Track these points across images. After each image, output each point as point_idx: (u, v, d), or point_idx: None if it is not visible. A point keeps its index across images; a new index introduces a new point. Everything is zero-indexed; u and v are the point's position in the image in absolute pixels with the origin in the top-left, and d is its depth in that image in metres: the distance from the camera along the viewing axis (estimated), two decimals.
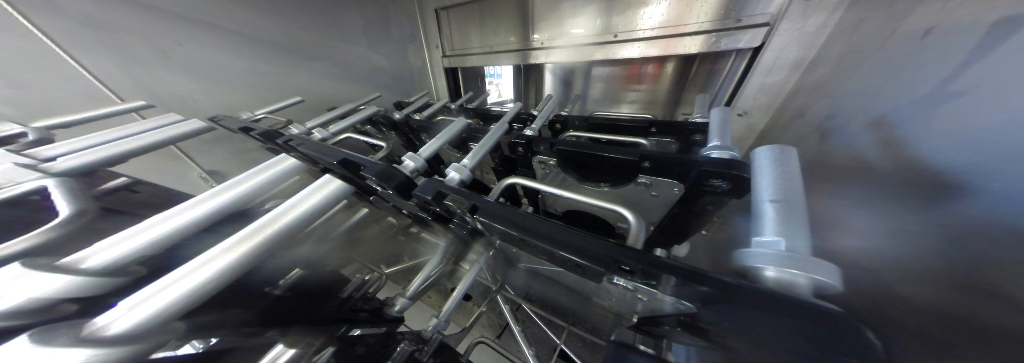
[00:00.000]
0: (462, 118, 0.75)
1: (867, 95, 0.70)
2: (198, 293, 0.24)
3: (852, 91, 0.78)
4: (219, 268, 0.25)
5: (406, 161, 0.57)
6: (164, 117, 0.62)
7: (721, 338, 0.38)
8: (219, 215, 0.30)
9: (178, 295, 0.23)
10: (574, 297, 1.30)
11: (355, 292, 0.73)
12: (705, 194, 0.57)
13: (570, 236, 0.34)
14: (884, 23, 0.72)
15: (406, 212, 0.84)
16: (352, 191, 0.41)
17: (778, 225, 0.29)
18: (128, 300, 0.22)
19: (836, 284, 0.24)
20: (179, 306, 0.23)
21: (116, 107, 0.72)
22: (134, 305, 0.22)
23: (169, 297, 0.23)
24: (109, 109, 0.70)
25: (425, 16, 1.96)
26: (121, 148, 0.49)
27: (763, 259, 0.27)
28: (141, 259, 0.26)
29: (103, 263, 0.25)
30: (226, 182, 0.33)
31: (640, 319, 0.58)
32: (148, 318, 0.22)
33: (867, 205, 0.59)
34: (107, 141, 0.50)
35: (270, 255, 0.29)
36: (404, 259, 1.49)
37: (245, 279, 0.28)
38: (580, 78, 3.24)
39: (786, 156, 0.35)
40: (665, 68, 2.66)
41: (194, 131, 0.59)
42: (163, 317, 0.22)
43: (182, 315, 0.24)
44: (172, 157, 1.24)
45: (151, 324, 0.22)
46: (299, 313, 0.56)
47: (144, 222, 0.27)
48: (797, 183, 0.32)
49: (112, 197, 0.51)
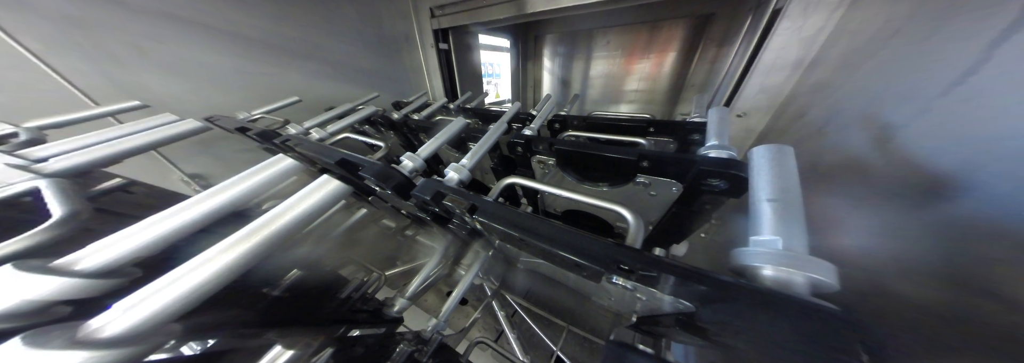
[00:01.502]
0: (461, 118, 0.74)
1: (868, 97, 0.71)
2: (195, 294, 0.23)
3: (853, 92, 0.78)
4: (216, 269, 0.25)
5: (404, 161, 0.57)
6: (159, 117, 0.61)
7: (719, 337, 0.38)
8: (216, 216, 0.30)
9: (174, 296, 0.23)
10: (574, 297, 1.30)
11: (354, 293, 0.73)
12: (703, 193, 0.57)
13: (568, 236, 0.34)
14: (887, 23, 0.72)
15: (405, 212, 0.84)
16: (350, 191, 0.40)
17: (775, 224, 0.29)
18: (123, 302, 0.22)
19: (833, 283, 0.25)
20: (176, 308, 0.22)
21: (109, 107, 0.71)
22: (130, 307, 0.22)
23: (165, 299, 0.22)
24: (102, 109, 0.70)
25: (420, 15, 1.93)
26: (115, 148, 0.48)
27: (760, 258, 0.27)
28: (136, 260, 0.26)
29: (98, 265, 0.24)
30: (222, 182, 0.33)
31: (639, 318, 0.58)
32: (144, 320, 0.21)
33: (866, 204, 0.59)
34: (100, 141, 0.49)
35: (268, 256, 0.29)
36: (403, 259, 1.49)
37: (243, 280, 0.27)
38: (579, 72, 3.19)
39: (783, 155, 0.36)
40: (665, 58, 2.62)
41: (190, 131, 0.59)
42: (159, 319, 0.22)
43: (179, 317, 0.23)
44: (151, 159, 1.17)
45: (147, 326, 0.21)
46: (298, 314, 0.55)
47: (139, 223, 0.27)
48: (794, 182, 0.33)
49: (107, 198, 0.50)
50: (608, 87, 2.98)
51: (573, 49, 3.06)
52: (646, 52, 2.68)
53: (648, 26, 2.56)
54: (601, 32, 2.80)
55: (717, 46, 2.32)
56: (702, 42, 2.38)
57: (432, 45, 2.00)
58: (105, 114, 0.70)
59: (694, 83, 2.54)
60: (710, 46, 2.36)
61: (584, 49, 2.98)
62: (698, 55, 2.49)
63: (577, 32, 2.92)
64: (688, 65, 2.52)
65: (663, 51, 2.61)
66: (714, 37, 2.31)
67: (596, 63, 3.00)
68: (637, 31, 2.63)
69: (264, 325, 0.47)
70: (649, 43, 2.63)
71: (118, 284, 0.25)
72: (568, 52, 3.11)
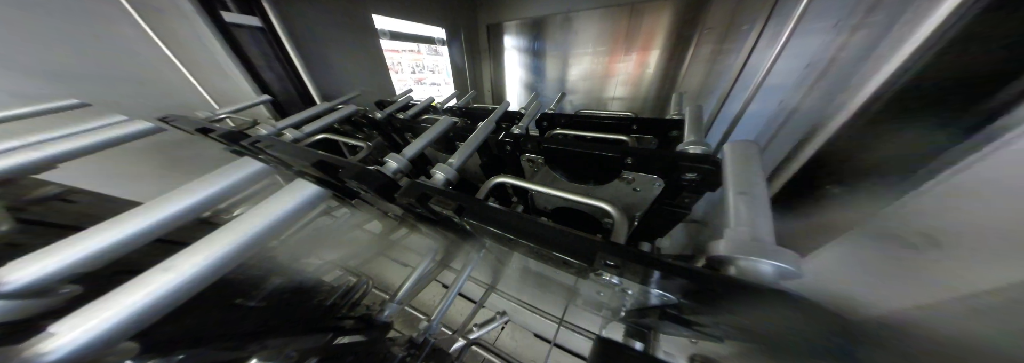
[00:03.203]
0: (447, 117, 0.73)
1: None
2: (151, 310, 0.21)
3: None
4: (176, 281, 0.23)
5: (389, 162, 0.55)
6: (105, 117, 0.55)
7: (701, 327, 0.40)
8: (170, 225, 0.28)
9: (126, 314, 0.21)
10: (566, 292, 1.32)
11: (340, 299, 0.70)
12: (683, 188, 0.59)
13: (555, 233, 0.34)
14: None
15: (392, 215, 0.82)
16: (328, 195, 0.39)
17: (745, 216, 0.31)
18: (62, 323, 0.20)
19: (796, 270, 0.26)
20: (126, 326, 0.21)
21: (41, 106, 0.63)
22: (71, 327, 0.19)
23: (115, 317, 0.20)
24: (32, 108, 0.61)
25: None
26: (44, 152, 0.42)
27: (731, 249, 0.28)
28: (74, 276, 0.23)
29: (22, 283, 0.22)
30: (178, 188, 0.30)
31: (628, 312, 0.60)
32: (89, 341, 0.19)
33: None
34: (26, 144, 0.43)
35: (237, 264, 0.27)
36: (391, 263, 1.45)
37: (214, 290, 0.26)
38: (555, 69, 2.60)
39: (749, 150, 0.38)
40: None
41: (139, 132, 0.53)
42: (107, 339, 0.20)
43: (133, 335, 0.21)
44: (103, 165, 0.91)
45: (94, 346, 0.19)
46: (278, 324, 0.53)
47: (74, 235, 0.24)
48: (760, 175, 0.35)
49: (38, 208, 0.45)
50: (592, 88, 2.56)
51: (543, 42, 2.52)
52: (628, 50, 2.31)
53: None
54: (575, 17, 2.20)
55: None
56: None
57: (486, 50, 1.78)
58: (36, 113, 0.61)
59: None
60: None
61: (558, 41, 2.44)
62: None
63: (544, 19, 2.33)
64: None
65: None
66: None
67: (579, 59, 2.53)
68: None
69: (240, 338, 0.44)
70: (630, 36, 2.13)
71: (53, 304, 0.22)
72: (535, 46, 2.59)
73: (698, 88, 2.24)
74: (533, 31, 2.56)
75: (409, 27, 2.18)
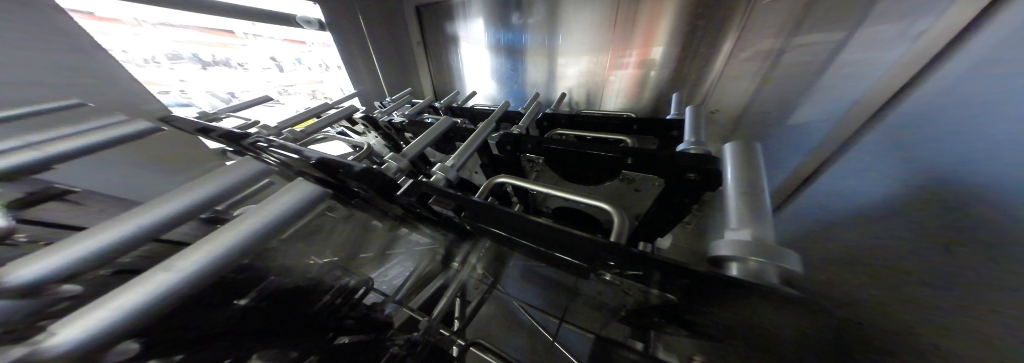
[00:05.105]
0: (448, 117, 0.73)
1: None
2: (151, 310, 0.21)
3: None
4: (176, 281, 0.23)
5: (389, 162, 0.55)
6: (105, 117, 0.55)
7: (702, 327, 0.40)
8: (169, 225, 0.28)
9: (125, 314, 0.21)
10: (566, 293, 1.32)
11: (339, 299, 0.70)
12: (682, 188, 0.59)
13: (555, 233, 0.34)
14: None
15: (392, 215, 0.82)
16: (328, 195, 0.39)
17: (746, 216, 0.31)
18: (62, 322, 0.20)
19: (798, 270, 0.26)
20: (126, 326, 0.20)
21: (41, 106, 0.63)
22: (71, 327, 0.19)
23: (114, 317, 0.20)
24: (31, 108, 0.61)
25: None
26: (46, 152, 0.42)
27: (733, 249, 0.28)
28: (74, 276, 0.23)
29: (22, 283, 0.22)
30: (177, 188, 0.30)
31: (628, 312, 0.60)
32: (89, 340, 0.19)
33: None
34: (29, 144, 0.43)
35: (237, 264, 0.27)
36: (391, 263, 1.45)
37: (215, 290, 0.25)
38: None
39: (751, 150, 0.38)
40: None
41: (138, 132, 0.53)
42: (106, 338, 0.20)
43: (134, 334, 0.21)
44: (104, 165, 0.91)
45: (94, 346, 0.19)
46: (277, 324, 0.52)
47: (74, 235, 0.24)
48: (761, 176, 0.35)
49: (38, 208, 0.44)
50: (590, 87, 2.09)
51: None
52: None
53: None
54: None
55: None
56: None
57: (419, 42, 1.79)
58: (34, 113, 0.61)
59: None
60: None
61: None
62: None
63: None
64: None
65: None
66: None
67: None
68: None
69: (240, 338, 0.44)
70: None
71: (50, 304, 0.22)
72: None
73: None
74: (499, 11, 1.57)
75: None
